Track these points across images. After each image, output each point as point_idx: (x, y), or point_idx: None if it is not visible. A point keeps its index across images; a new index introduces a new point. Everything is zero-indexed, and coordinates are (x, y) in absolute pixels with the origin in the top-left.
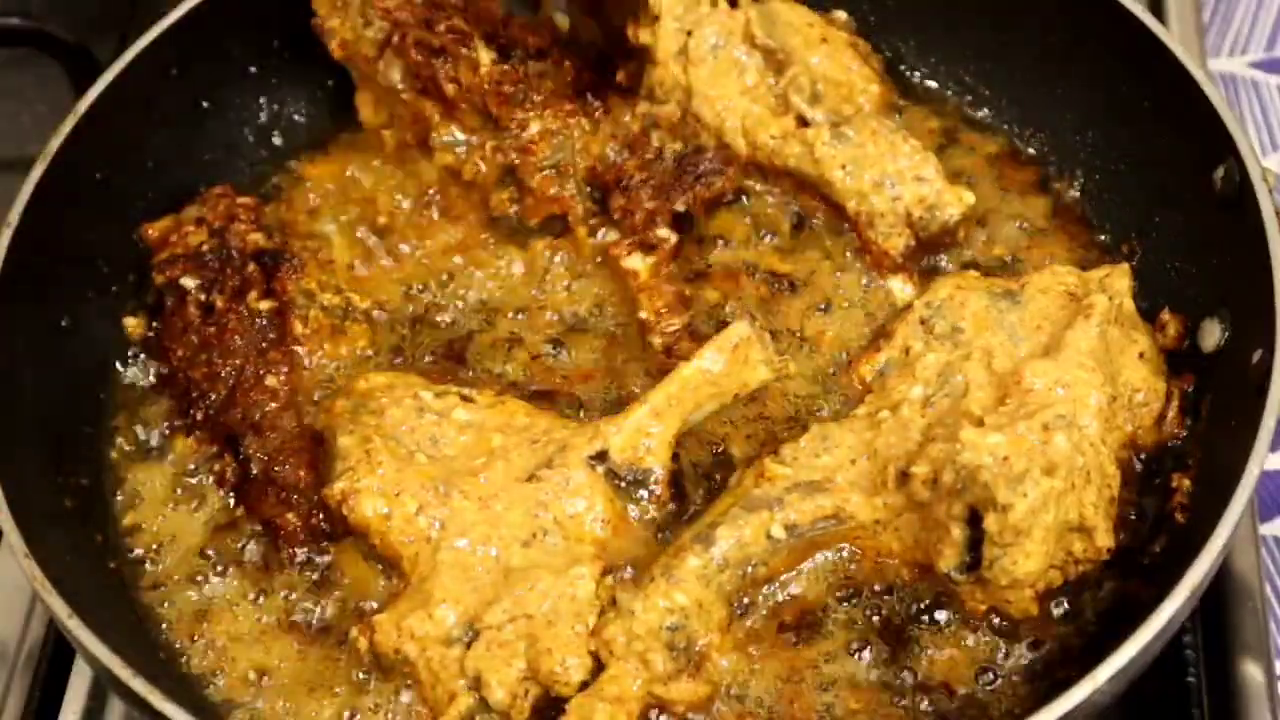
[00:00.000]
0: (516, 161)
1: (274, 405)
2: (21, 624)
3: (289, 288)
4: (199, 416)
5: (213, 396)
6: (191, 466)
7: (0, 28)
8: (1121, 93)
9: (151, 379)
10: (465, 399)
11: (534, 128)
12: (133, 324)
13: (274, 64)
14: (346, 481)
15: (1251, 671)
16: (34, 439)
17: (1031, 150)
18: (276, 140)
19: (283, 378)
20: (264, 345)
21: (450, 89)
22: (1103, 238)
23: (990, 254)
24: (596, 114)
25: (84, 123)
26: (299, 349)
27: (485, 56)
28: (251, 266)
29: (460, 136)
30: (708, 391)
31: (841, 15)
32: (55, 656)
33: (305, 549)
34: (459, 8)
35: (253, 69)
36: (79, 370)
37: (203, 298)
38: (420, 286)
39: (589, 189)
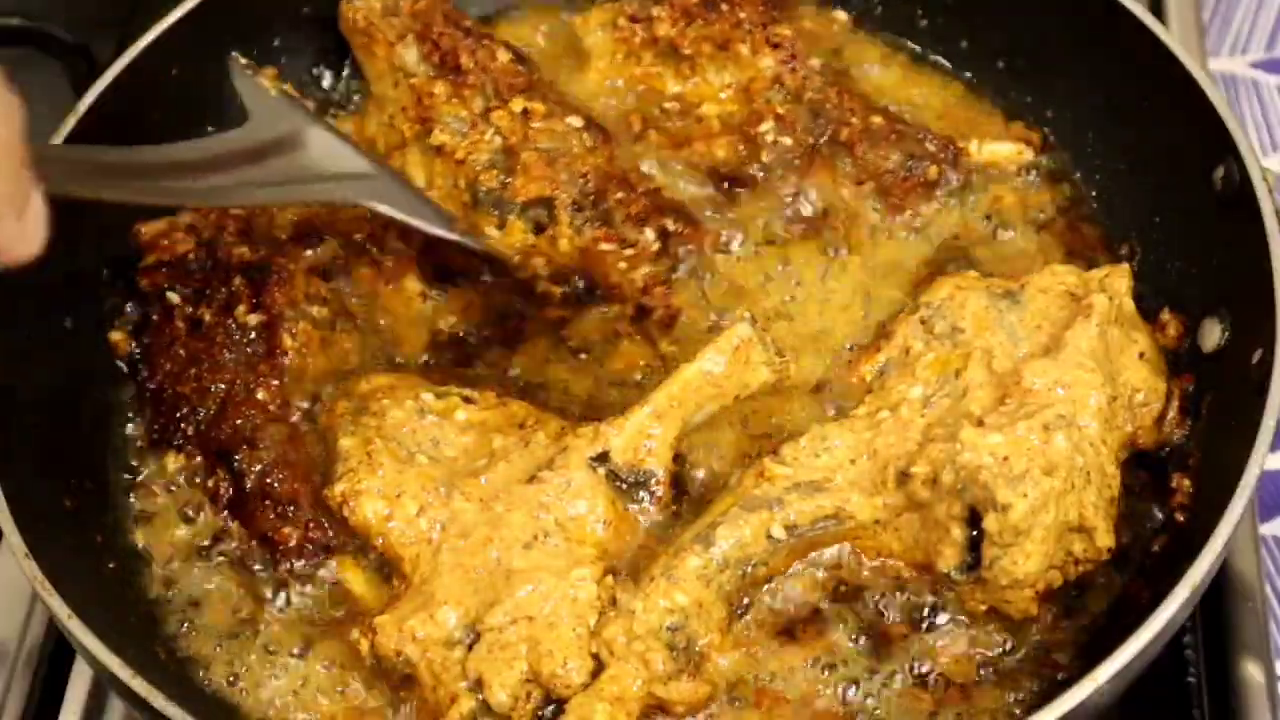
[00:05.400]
0: (514, 141)
1: (265, 418)
2: (21, 624)
3: (277, 300)
4: (189, 432)
5: (202, 412)
6: (187, 480)
7: (0, 28)
8: (1121, 93)
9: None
10: (467, 400)
11: (539, 113)
12: (118, 338)
13: (274, 64)
14: (347, 483)
15: (1251, 671)
16: (35, 439)
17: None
18: None
19: (273, 390)
20: (253, 358)
21: (468, 60)
22: (1103, 238)
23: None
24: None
25: (84, 123)
26: (288, 361)
27: (503, 54)
28: (238, 280)
29: (462, 114)
30: (709, 393)
31: (841, 15)
32: (55, 656)
33: (303, 561)
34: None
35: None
36: (80, 371)
37: (189, 311)
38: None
39: (581, 180)
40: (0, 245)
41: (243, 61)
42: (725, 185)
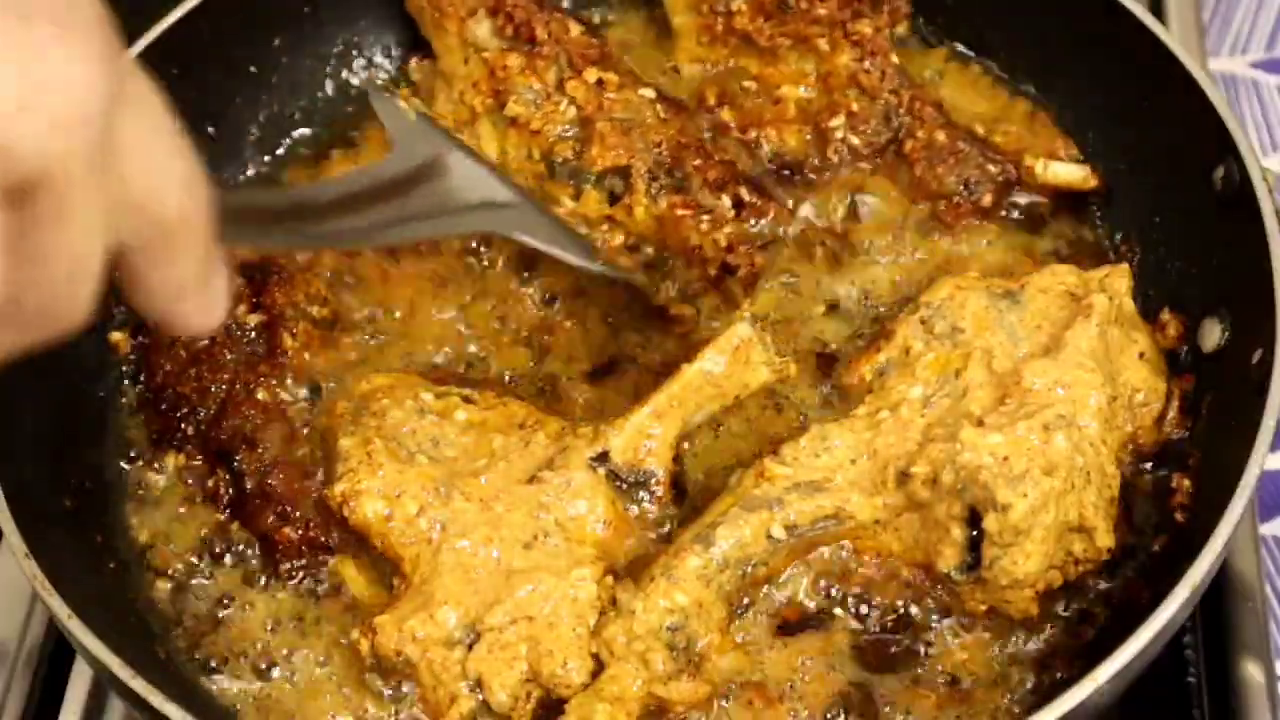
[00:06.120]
0: (589, 110)
1: (265, 418)
2: (21, 624)
3: (278, 300)
4: (189, 432)
5: (202, 412)
6: (187, 480)
7: None
8: (1121, 93)
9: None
10: (466, 400)
11: (614, 83)
12: (119, 338)
13: (274, 64)
14: (347, 483)
15: (1251, 671)
16: (34, 439)
17: None
18: (277, 141)
19: (273, 391)
20: (253, 358)
21: (542, 32)
22: (1103, 238)
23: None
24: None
25: None
26: (288, 361)
27: (575, 27)
28: (238, 280)
29: (536, 86)
30: (709, 393)
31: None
32: (55, 656)
33: (303, 561)
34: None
35: (252, 69)
36: (80, 370)
37: None
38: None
39: (656, 150)
40: (182, 320)
41: (378, 82)
42: (785, 174)
